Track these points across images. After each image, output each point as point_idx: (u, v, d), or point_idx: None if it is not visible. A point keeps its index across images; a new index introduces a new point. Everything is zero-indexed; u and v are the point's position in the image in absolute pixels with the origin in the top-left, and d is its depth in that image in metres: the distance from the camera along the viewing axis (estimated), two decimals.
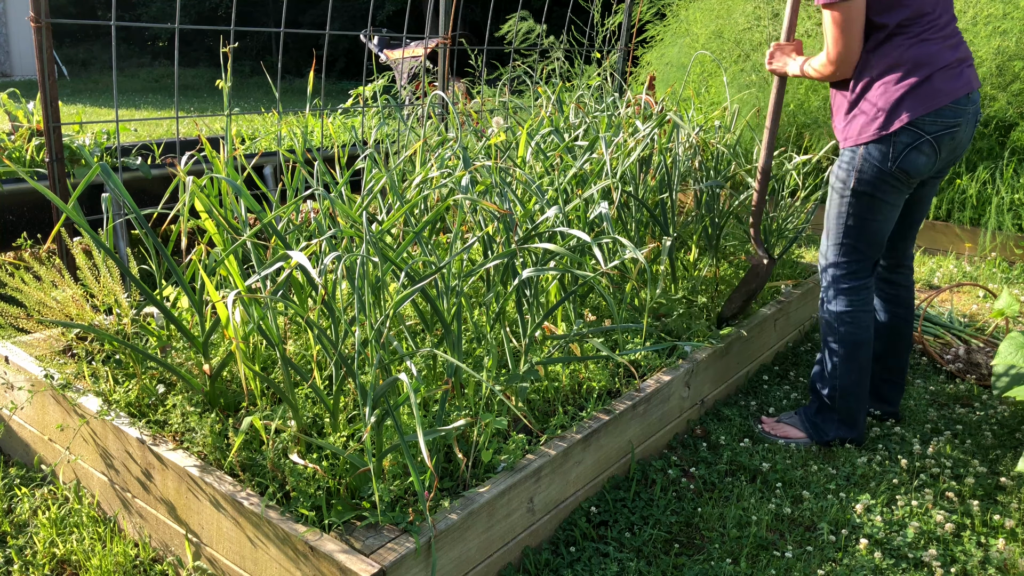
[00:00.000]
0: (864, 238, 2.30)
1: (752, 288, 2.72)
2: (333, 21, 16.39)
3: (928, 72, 2.14)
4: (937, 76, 2.14)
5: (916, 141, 2.15)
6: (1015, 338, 2.37)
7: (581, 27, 5.31)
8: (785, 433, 2.50)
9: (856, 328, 2.35)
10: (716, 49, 5.36)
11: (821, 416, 2.46)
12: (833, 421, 2.44)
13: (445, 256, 2.32)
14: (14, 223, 3.33)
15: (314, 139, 4.98)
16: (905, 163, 2.17)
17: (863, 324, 2.35)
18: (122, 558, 1.85)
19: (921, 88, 2.14)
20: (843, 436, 2.44)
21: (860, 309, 2.35)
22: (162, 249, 1.88)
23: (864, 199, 2.25)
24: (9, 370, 2.20)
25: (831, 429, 2.44)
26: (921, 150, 2.16)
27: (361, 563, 1.47)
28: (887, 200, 2.25)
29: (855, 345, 2.36)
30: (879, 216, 2.27)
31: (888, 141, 2.17)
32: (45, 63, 2.42)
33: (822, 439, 2.45)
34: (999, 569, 1.93)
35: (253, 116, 9.13)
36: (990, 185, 4.45)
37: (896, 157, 2.16)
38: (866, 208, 2.26)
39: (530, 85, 4.12)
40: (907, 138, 2.15)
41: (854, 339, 2.36)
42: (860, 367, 2.38)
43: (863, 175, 2.22)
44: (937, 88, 2.13)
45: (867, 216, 2.27)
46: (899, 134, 2.15)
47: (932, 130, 2.14)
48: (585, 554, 1.91)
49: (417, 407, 1.44)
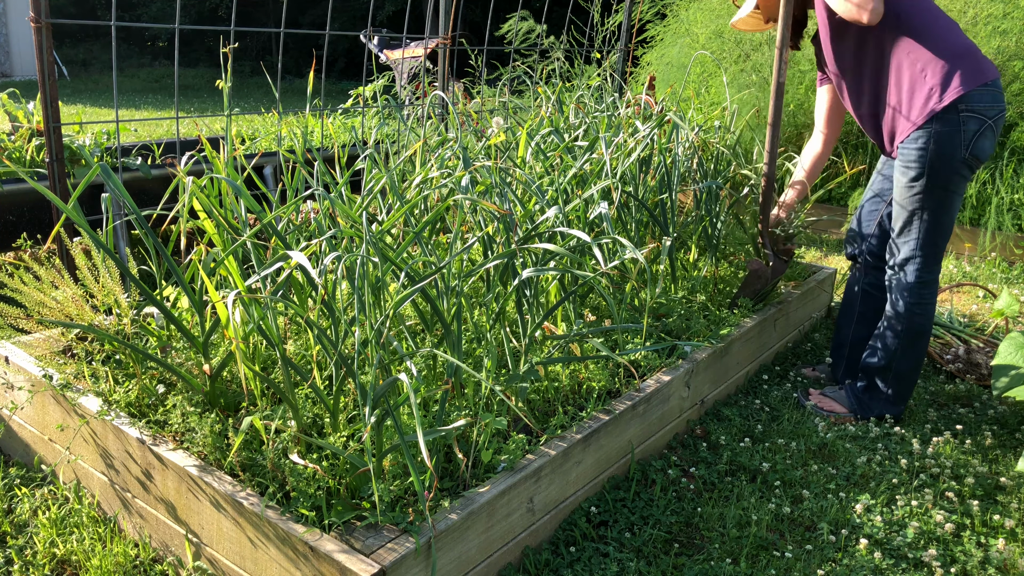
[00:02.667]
0: (940, 232, 2.39)
1: (756, 288, 2.81)
2: (333, 21, 16.38)
3: (974, 54, 2.28)
4: (982, 59, 2.29)
5: (982, 127, 2.26)
6: (1015, 338, 2.37)
7: (581, 27, 5.31)
8: (831, 407, 2.65)
9: (924, 320, 2.48)
10: (716, 49, 5.36)
11: (869, 394, 2.61)
12: (879, 400, 2.59)
13: (445, 256, 2.32)
14: (14, 223, 3.33)
15: (314, 139, 4.98)
16: (976, 149, 2.28)
17: (929, 315, 2.49)
18: (122, 558, 1.85)
19: (968, 64, 2.26)
20: (887, 412, 2.60)
21: (929, 301, 2.48)
22: (162, 249, 1.88)
23: (937, 193, 2.33)
24: (9, 370, 2.20)
25: (876, 406, 2.60)
26: (986, 136, 2.28)
27: (361, 563, 1.47)
28: (958, 192, 2.35)
29: (919, 335, 2.50)
30: (952, 209, 2.37)
31: (957, 128, 2.26)
32: (45, 63, 2.42)
33: (866, 414, 2.61)
34: (999, 569, 1.93)
35: (253, 116, 9.13)
36: (990, 185, 4.45)
37: (968, 144, 2.27)
38: (939, 203, 2.35)
39: (530, 85, 4.12)
40: (975, 125, 2.26)
41: (920, 329, 2.49)
42: (918, 355, 2.53)
43: (936, 167, 2.31)
44: (982, 66, 2.27)
45: (940, 210, 2.35)
46: (967, 122, 2.25)
47: (992, 114, 2.26)
48: (585, 554, 1.91)
49: (417, 407, 1.44)
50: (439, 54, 4.11)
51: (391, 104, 3.28)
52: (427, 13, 4.09)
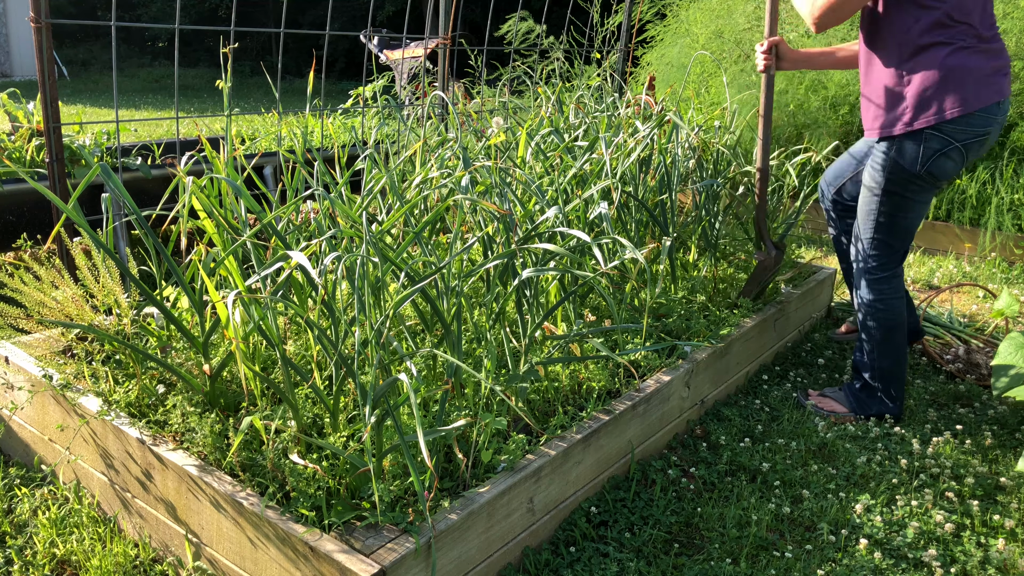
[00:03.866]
0: (894, 233, 2.46)
1: (764, 279, 2.94)
2: (333, 21, 16.39)
3: (962, 81, 2.22)
4: (971, 85, 2.22)
5: (946, 148, 2.27)
6: (1015, 338, 2.37)
7: (581, 27, 5.31)
8: (831, 407, 2.68)
9: (890, 314, 2.54)
10: (716, 49, 5.36)
11: (865, 392, 2.64)
12: (875, 398, 2.62)
13: (445, 256, 2.32)
14: (14, 223, 3.33)
15: (314, 139, 4.98)
16: (934, 167, 2.30)
17: (894, 309, 2.54)
18: (122, 558, 1.85)
19: (953, 95, 2.22)
20: (883, 411, 2.63)
21: (890, 296, 2.53)
22: (162, 249, 1.88)
23: (894, 198, 2.40)
24: (9, 370, 2.20)
25: (873, 404, 2.63)
26: (950, 156, 2.28)
27: (361, 563, 1.47)
28: (916, 199, 2.40)
29: (889, 329, 2.55)
30: (909, 213, 2.43)
31: (919, 143, 2.29)
32: (45, 63, 2.42)
33: (865, 412, 2.63)
34: (999, 569, 1.93)
35: (253, 116, 9.12)
36: (990, 185, 4.45)
37: (925, 162, 2.30)
38: (896, 206, 2.41)
39: (530, 85, 4.12)
40: (937, 144, 2.26)
41: (889, 323, 2.54)
42: (895, 349, 2.57)
43: (893, 176, 2.37)
44: (968, 97, 2.22)
45: (897, 213, 2.43)
46: (929, 140, 2.26)
47: (962, 138, 2.25)
48: (585, 554, 1.91)
49: (417, 407, 1.44)
50: (439, 54, 4.11)
51: (391, 104, 3.28)
52: (427, 13, 4.09)
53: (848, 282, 2.95)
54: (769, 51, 2.69)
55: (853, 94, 4.83)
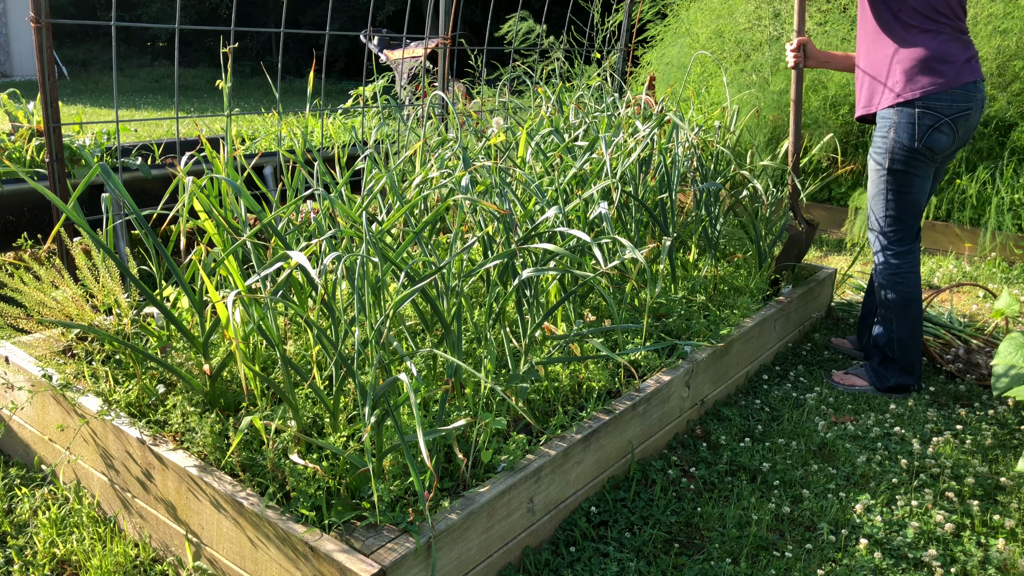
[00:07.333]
0: (905, 207, 2.68)
1: (797, 251, 3.13)
2: (333, 21, 16.39)
3: (945, 62, 2.55)
4: (950, 67, 2.55)
5: (937, 123, 2.56)
6: (1015, 338, 2.37)
7: (581, 27, 5.31)
8: (852, 382, 2.87)
9: (907, 287, 2.72)
10: (717, 49, 5.36)
11: (884, 366, 2.83)
12: (894, 370, 2.80)
13: (445, 256, 2.32)
14: (14, 223, 3.33)
15: (314, 139, 4.98)
16: (930, 141, 2.58)
17: (911, 283, 2.72)
18: (122, 558, 1.85)
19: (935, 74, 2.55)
20: (902, 382, 2.80)
21: (907, 270, 2.72)
22: (162, 249, 1.88)
23: (899, 175, 2.64)
24: (9, 370, 2.20)
25: (892, 376, 2.81)
26: (942, 130, 2.57)
27: (361, 563, 1.47)
28: (918, 173, 2.64)
29: (907, 301, 2.73)
30: (914, 188, 2.67)
31: (913, 122, 2.57)
32: (45, 63, 2.42)
33: (884, 384, 2.82)
34: (999, 569, 1.93)
35: (253, 116, 9.13)
36: (990, 185, 4.45)
37: (921, 137, 2.57)
38: (901, 182, 2.65)
39: (530, 85, 4.12)
40: (929, 120, 2.56)
41: (907, 296, 2.72)
42: (912, 321, 2.75)
43: (896, 155, 2.62)
44: (949, 75, 2.55)
45: (903, 189, 2.66)
46: (923, 118, 2.56)
47: (949, 113, 2.55)
48: (585, 554, 1.91)
49: (417, 407, 1.44)
50: (439, 54, 4.11)
51: (391, 104, 3.28)
52: (427, 13, 4.09)
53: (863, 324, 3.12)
54: (798, 49, 2.95)
55: (852, 94, 4.83)
